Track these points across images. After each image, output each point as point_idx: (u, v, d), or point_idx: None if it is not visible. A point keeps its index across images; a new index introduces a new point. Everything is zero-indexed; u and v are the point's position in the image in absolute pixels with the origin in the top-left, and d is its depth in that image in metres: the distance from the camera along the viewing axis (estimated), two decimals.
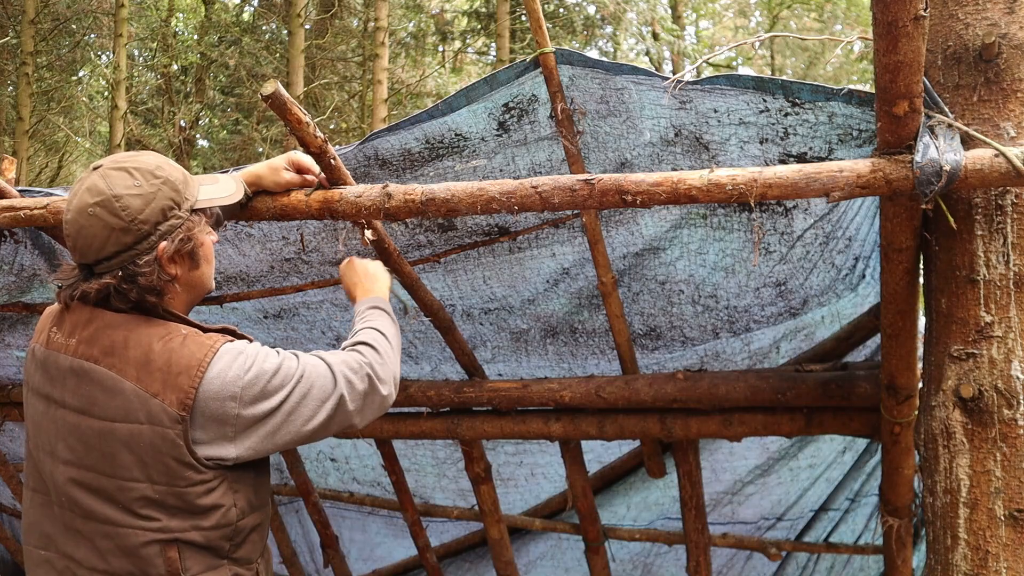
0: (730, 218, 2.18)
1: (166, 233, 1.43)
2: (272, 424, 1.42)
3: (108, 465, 1.40)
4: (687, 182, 1.54)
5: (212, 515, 1.42)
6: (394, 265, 2.17)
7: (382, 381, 1.53)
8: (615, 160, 2.13)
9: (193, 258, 1.49)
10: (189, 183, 1.49)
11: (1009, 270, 1.53)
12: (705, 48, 18.13)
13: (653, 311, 2.46)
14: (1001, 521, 1.51)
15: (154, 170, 1.45)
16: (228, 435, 1.40)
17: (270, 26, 16.19)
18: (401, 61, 16.87)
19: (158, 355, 1.40)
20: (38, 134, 14.77)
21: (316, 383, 1.46)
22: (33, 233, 2.37)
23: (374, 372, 1.52)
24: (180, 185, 1.46)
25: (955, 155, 1.43)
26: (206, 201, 1.50)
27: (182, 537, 1.40)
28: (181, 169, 1.50)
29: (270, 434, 1.42)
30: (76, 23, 14.12)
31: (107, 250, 1.40)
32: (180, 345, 1.42)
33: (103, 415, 1.40)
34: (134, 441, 1.38)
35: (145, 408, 1.38)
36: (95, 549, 1.41)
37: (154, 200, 1.42)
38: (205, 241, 1.51)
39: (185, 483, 1.39)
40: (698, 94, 1.89)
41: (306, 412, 1.44)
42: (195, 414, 1.38)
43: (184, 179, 1.48)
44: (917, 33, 1.32)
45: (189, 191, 1.48)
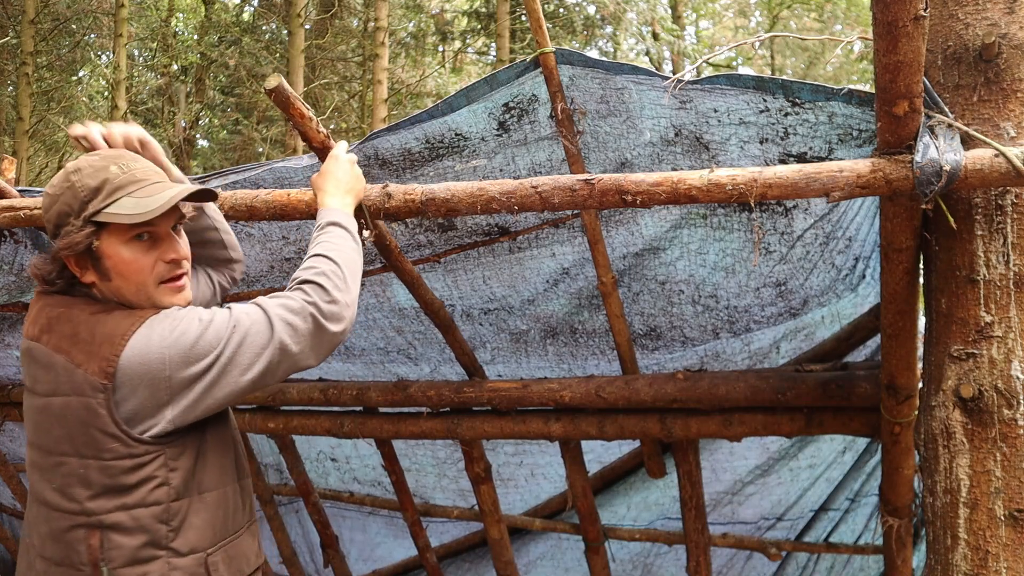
0: (730, 218, 2.18)
1: (62, 237, 1.41)
2: (208, 380, 1.38)
3: (48, 441, 1.41)
4: (687, 182, 1.54)
5: (138, 491, 1.37)
6: (395, 263, 2.17)
7: (330, 318, 1.44)
8: (615, 160, 2.13)
9: (99, 269, 1.43)
10: (101, 193, 1.41)
11: (1009, 270, 1.53)
12: (705, 48, 18.13)
13: (653, 311, 2.46)
14: (1001, 521, 1.51)
15: (70, 174, 1.43)
16: (162, 400, 1.37)
17: (270, 26, 16.19)
18: (401, 61, 16.87)
19: (84, 327, 1.40)
20: (38, 134, 14.77)
21: (251, 331, 1.40)
22: (33, 233, 2.37)
23: (319, 311, 1.43)
24: (84, 193, 1.40)
25: (955, 155, 1.43)
26: (109, 215, 1.40)
27: (106, 520, 1.36)
28: (105, 178, 1.42)
29: (207, 390, 1.38)
30: (76, 23, 14.11)
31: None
32: (107, 317, 1.41)
33: (42, 391, 1.42)
34: (63, 414, 1.38)
35: (71, 379, 1.38)
36: (39, 534, 1.43)
37: (55, 204, 1.43)
38: (114, 255, 1.42)
39: (110, 455, 1.36)
40: (698, 94, 1.89)
41: (242, 362, 1.39)
42: (119, 382, 1.36)
43: (96, 188, 1.41)
44: (917, 33, 1.32)
45: (96, 202, 1.40)
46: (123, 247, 1.42)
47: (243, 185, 2.15)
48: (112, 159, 1.45)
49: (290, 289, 1.49)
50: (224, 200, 1.85)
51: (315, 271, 1.49)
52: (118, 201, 1.40)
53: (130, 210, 1.39)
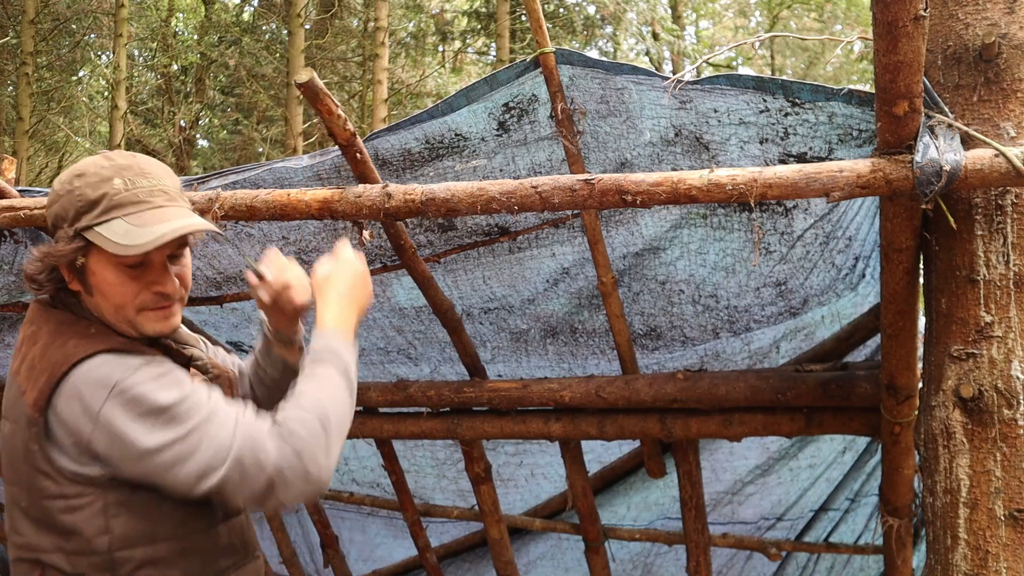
0: (730, 218, 2.18)
1: (55, 241, 1.33)
2: (132, 454, 1.21)
3: (4, 466, 1.35)
4: (687, 182, 1.54)
5: (73, 538, 1.25)
6: (408, 262, 2.17)
7: (288, 485, 1.23)
8: (615, 160, 2.13)
9: (83, 282, 1.34)
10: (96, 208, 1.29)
11: (1009, 270, 1.53)
12: (705, 48, 18.13)
13: (653, 311, 2.46)
14: (1001, 521, 1.51)
15: (75, 177, 1.33)
16: (84, 448, 1.23)
17: (270, 26, 16.18)
18: (401, 61, 16.87)
19: (40, 349, 1.30)
20: (38, 134, 14.77)
21: (205, 451, 1.21)
22: (33, 233, 2.37)
23: (281, 476, 1.22)
24: (80, 203, 1.29)
25: (955, 155, 1.43)
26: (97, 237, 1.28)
27: (46, 559, 1.26)
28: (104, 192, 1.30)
29: (128, 461, 1.22)
30: (76, 23, 14.11)
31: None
32: (64, 342, 1.29)
33: (3, 412, 1.36)
34: (10, 441, 1.31)
35: (15, 407, 1.31)
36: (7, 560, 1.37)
37: (54, 204, 1.34)
38: (99, 273, 1.31)
39: (42, 494, 1.25)
40: (698, 94, 1.89)
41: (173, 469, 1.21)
42: (50, 417, 1.24)
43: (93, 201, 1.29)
44: (917, 33, 1.32)
45: (89, 216, 1.29)
46: (110, 269, 1.31)
47: (243, 185, 2.15)
48: (119, 170, 1.32)
49: (276, 423, 1.28)
50: (224, 200, 1.85)
51: (303, 417, 1.28)
52: (110, 223, 1.28)
53: (118, 238, 1.26)
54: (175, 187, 1.39)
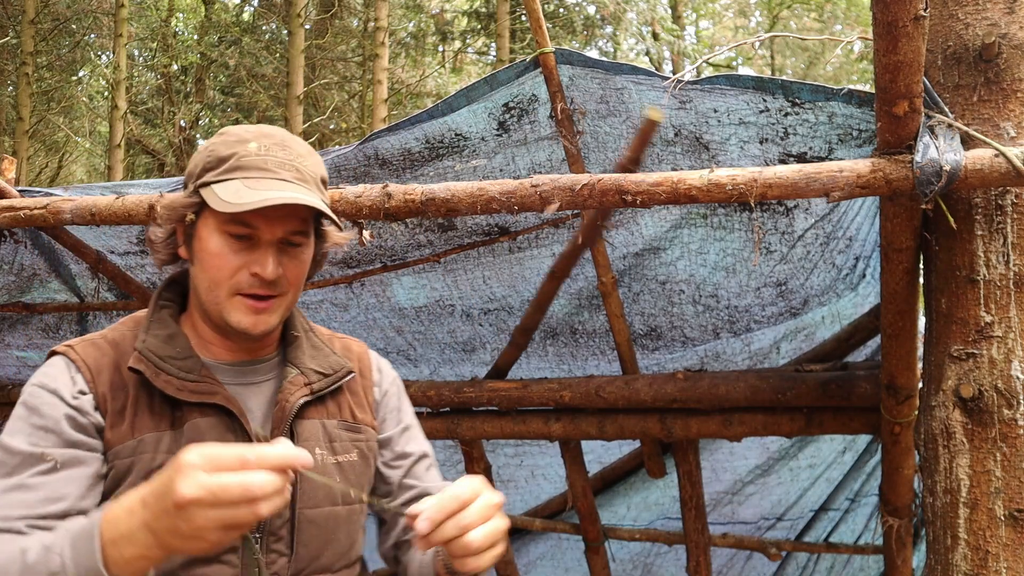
0: (731, 218, 2.18)
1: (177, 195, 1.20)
2: None
3: None
4: (687, 182, 1.54)
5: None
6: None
7: None
8: (615, 160, 2.14)
9: (190, 247, 1.20)
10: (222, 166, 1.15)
11: (1009, 270, 1.53)
12: (705, 48, 18.13)
13: (654, 311, 2.46)
14: (1001, 521, 1.51)
15: (219, 135, 1.21)
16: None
17: (270, 26, 16.19)
18: (401, 61, 16.87)
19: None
20: (38, 134, 14.77)
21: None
22: (33, 233, 2.37)
23: None
24: (210, 160, 1.17)
25: (955, 155, 1.43)
26: (207, 193, 1.14)
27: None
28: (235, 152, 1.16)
29: None
30: (76, 23, 14.12)
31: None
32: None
33: None
34: None
35: None
36: None
37: (192, 160, 1.22)
38: (204, 239, 1.17)
39: None
40: (698, 94, 1.89)
41: None
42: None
43: (221, 159, 1.16)
44: (917, 33, 1.32)
45: (212, 173, 1.16)
46: (214, 235, 1.16)
47: None
48: (262, 136, 1.19)
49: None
50: None
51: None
52: (228, 182, 1.14)
53: (226, 195, 1.12)
54: (313, 172, 1.21)
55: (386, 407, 1.37)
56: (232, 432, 1.15)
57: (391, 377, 1.42)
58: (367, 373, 1.37)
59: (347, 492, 1.21)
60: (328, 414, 1.27)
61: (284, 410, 1.20)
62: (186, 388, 1.15)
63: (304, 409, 1.23)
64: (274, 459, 0.88)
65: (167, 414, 1.15)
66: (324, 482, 1.16)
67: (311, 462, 0.90)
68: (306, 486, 1.20)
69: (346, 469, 1.26)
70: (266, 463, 0.87)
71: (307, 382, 1.24)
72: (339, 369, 1.30)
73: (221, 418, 1.16)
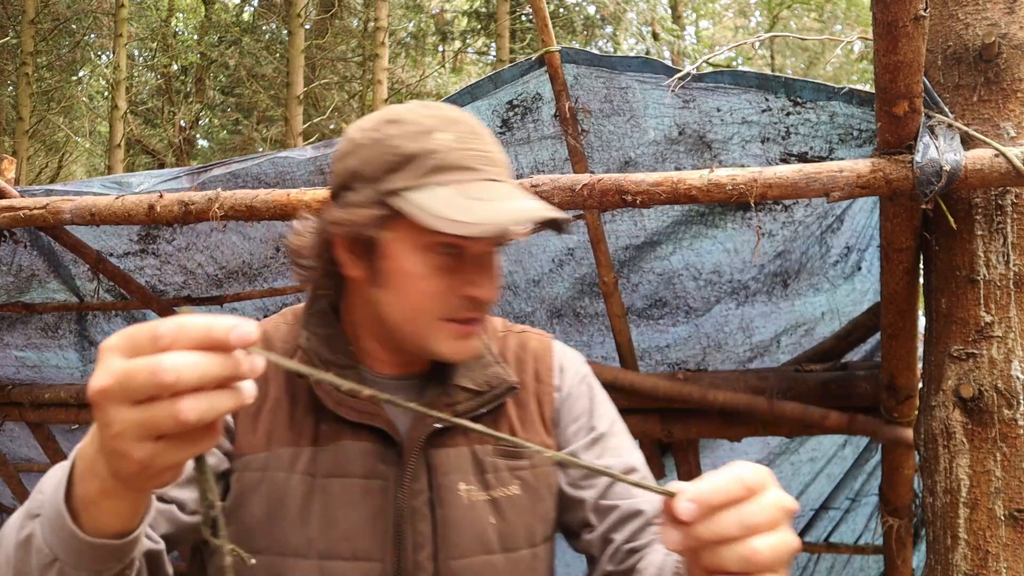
0: (733, 217, 2.18)
1: (342, 205, 0.96)
2: None
3: None
4: (687, 182, 1.54)
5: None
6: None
7: None
8: (619, 159, 2.14)
9: (372, 267, 0.96)
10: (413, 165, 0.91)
11: (1009, 270, 1.53)
12: (705, 48, 18.14)
13: (656, 290, 2.46)
14: (1001, 521, 1.51)
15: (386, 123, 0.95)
16: None
17: (270, 26, 16.19)
18: (401, 61, 16.88)
19: None
20: (38, 134, 14.77)
21: None
22: (32, 233, 2.37)
23: None
24: (393, 157, 0.92)
25: (955, 155, 1.43)
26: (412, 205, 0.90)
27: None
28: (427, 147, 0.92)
29: None
30: (76, 23, 14.12)
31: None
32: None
33: None
34: None
35: None
36: None
37: (350, 156, 0.96)
38: (398, 258, 0.93)
39: None
40: (701, 93, 1.89)
41: None
42: None
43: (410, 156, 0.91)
44: (917, 33, 1.32)
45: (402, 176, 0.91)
46: (414, 254, 0.93)
47: (244, 177, 2.15)
48: (447, 122, 0.95)
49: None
50: (224, 200, 1.85)
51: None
52: (431, 189, 0.90)
53: (445, 210, 0.88)
54: (505, 161, 1.00)
55: (569, 414, 1.08)
56: (385, 461, 0.96)
57: (577, 376, 1.12)
58: (545, 376, 1.08)
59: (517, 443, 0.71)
60: (482, 439, 1.00)
61: (414, 440, 0.97)
62: (346, 403, 0.96)
63: (447, 435, 0.99)
64: (194, 331, 0.57)
65: (309, 427, 0.97)
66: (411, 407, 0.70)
67: (253, 336, 0.59)
68: (450, 531, 0.96)
69: (503, 508, 0.99)
70: (185, 336, 0.57)
71: (449, 402, 1.00)
72: (496, 384, 1.03)
73: (376, 444, 0.96)
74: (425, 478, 0.98)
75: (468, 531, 0.97)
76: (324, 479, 0.96)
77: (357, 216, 0.93)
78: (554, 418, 1.08)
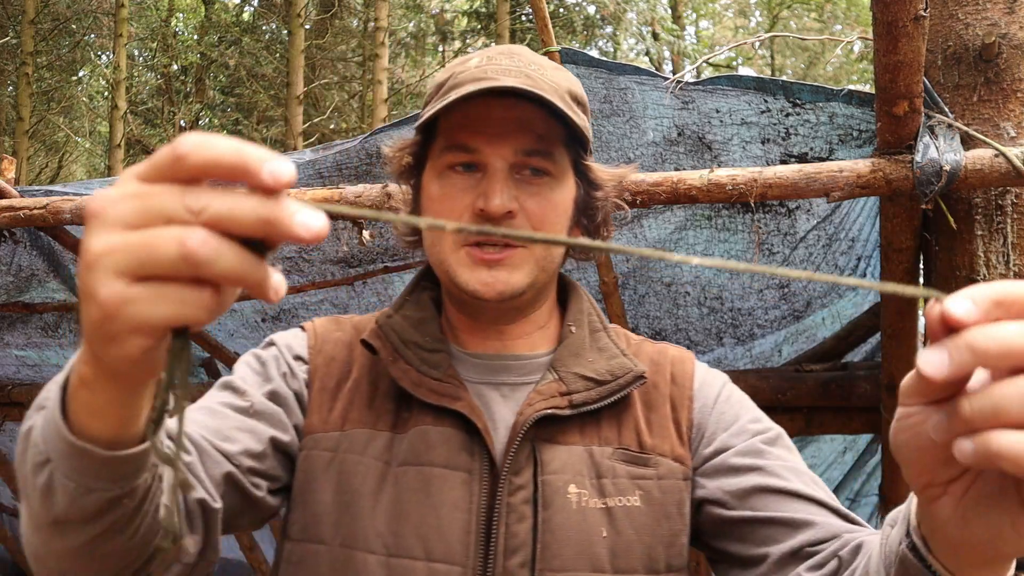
0: (734, 219, 2.18)
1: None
2: None
3: None
4: (687, 182, 1.54)
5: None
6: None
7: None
8: (618, 159, 2.14)
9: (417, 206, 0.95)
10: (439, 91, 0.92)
11: (1009, 270, 1.53)
12: (705, 48, 18.14)
13: (659, 314, 2.46)
14: None
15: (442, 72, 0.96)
16: None
17: (270, 26, 16.19)
18: (401, 61, 16.88)
19: None
20: (38, 134, 14.78)
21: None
22: (32, 233, 2.37)
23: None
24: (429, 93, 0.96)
25: (955, 155, 1.43)
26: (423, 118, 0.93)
27: None
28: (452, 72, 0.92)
29: None
30: (76, 23, 14.12)
31: None
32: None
33: None
34: None
35: None
36: None
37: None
38: (426, 187, 0.93)
39: None
40: (700, 94, 1.90)
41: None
42: None
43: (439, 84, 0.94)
44: (917, 33, 1.32)
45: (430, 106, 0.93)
46: (435, 178, 0.91)
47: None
48: (489, 50, 0.94)
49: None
50: None
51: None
52: (439, 103, 0.89)
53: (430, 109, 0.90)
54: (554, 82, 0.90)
55: (718, 423, 0.93)
56: (467, 451, 0.87)
57: (722, 393, 0.96)
58: (684, 381, 0.96)
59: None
60: (601, 439, 0.90)
61: (517, 427, 0.87)
62: (424, 384, 0.89)
63: (559, 429, 0.88)
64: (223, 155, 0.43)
65: (389, 413, 0.91)
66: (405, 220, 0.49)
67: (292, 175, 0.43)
68: (553, 537, 0.83)
69: (619, 520, 0.86)
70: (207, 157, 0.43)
71: (564, 391, 0.89)
72: (622, 375, 0.91)
73: (458, 430, 0.88)
74: (529, 472, 0.85)
75: (574, 541, 0.83)
76: (399, 467, 0.86)
77: (399, 146, 0.95)
78: (695, 427, 0.93)
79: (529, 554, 0.82)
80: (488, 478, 0.86)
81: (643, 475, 0.88)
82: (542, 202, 0.88)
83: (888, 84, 1.39)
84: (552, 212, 0.89)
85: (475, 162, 0.88)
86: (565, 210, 0.92)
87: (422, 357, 0.91)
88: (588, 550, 0.83)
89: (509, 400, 0.91)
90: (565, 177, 0.91)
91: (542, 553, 0.82)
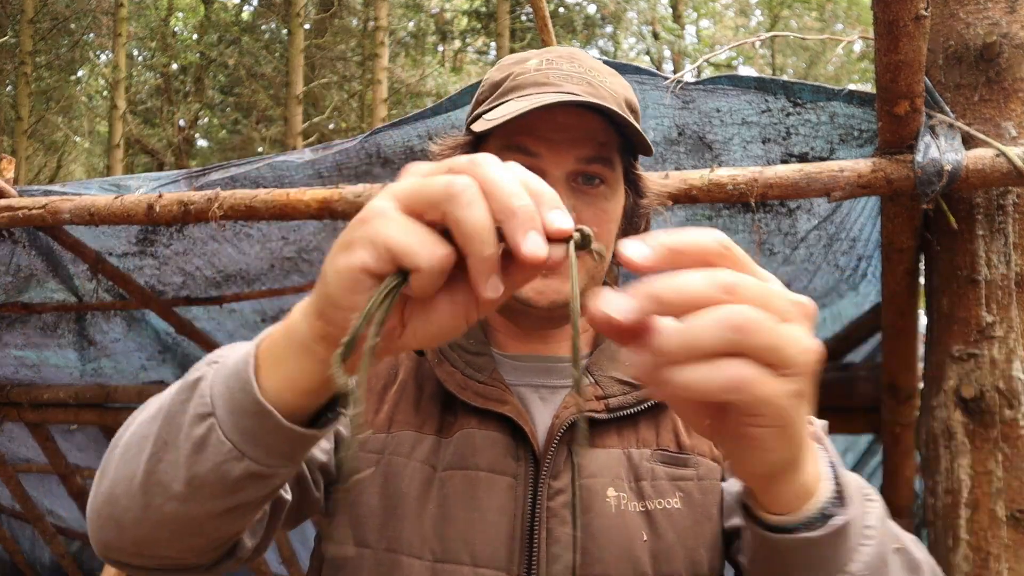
0: (735, 219, 2.17)
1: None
2: None
3: None
4: (688, 181, 1.54)
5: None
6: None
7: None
8: None
9: None
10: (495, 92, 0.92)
11: (1010, 270, 1.52)
12: (706, 47, 18.14)
13: None
14: (1002, 522, 1.51)
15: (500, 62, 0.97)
16: None
17: (270, 26, 16.19)
18: (401, 61, 16.87)
19: None
20: (37, 134, 14.77)
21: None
22: (31, 233, 2.36)
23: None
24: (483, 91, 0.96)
25: (956, 155, 1.43)
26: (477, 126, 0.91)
27: None
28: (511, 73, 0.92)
29: None
30: (75, 22, 14.12)
31: None
32: None
33: None
34: None
35: None
36: None
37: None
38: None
39: None
40: (701, 94, 1.89)
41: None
42: None
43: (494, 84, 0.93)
44: (918, 32, 1.31)
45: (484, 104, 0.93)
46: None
47: (243, 180, 2.14)
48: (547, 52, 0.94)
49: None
50: (223, 200, 1.84)
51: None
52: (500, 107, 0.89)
53: (492, 117, 0.87)
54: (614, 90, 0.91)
55: None
56: (512, 455, 0.86)
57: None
58: None
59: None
60: (639, 441, 0.89)
61: (554, 430, 0.86)
62: (470, 388, 0.89)
63: (596, 432, 0.88)
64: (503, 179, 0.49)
65: (434, 415, 0.90)
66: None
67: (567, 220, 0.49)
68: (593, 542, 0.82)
69: (659, 523, 0.84)
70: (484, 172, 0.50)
71: (600, 395, 0.89)
72: None
73: (503, 434, 0.87)
74: (568, 476, 0.84)
75: (615, 544, 0.82)
76: (445, 471, 0.85)
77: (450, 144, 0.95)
78: None
79: (571, 559, 0.81)
80: (530, 484, 0.85)
81: (683, 476, 0.87)
82: (598, 212, 0.89)
83: (889, 84, 1.39)
84: (607, 221, 0.90)
85: (534, 167, 0.83)
86: (616, 218, 0.92)
87: (467, 360, 0.91)
88: (629, 555, 0.82)
89: (548, 403, 0.91)
90: (618, 185, 0.92)
91: (583, 558, 0.81)
